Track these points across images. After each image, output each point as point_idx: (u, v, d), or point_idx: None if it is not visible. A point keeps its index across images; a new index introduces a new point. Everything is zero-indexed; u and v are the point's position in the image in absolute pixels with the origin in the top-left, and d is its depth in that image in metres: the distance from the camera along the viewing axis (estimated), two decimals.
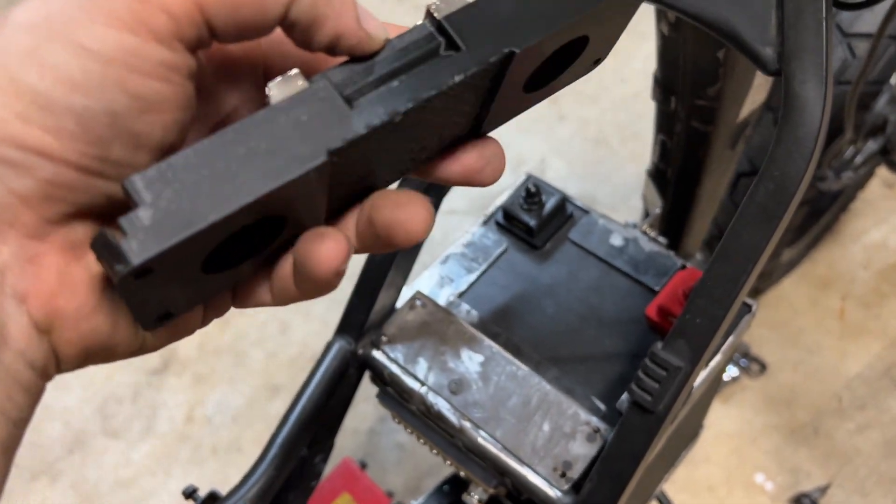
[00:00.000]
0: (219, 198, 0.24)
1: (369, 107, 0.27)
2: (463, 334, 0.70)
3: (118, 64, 0.24)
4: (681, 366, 0.57)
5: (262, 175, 0.25)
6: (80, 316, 0.26)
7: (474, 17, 0.28)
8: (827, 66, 0.53)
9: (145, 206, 0.23)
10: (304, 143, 0.25)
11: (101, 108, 0.24)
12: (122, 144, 0.25)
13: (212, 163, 0.24)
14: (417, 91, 0.27)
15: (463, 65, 0.28)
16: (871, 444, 1.40)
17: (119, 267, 0.23)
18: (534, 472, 0.64)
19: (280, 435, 0.68)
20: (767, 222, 0.54)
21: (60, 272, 0.26)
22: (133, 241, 0.23)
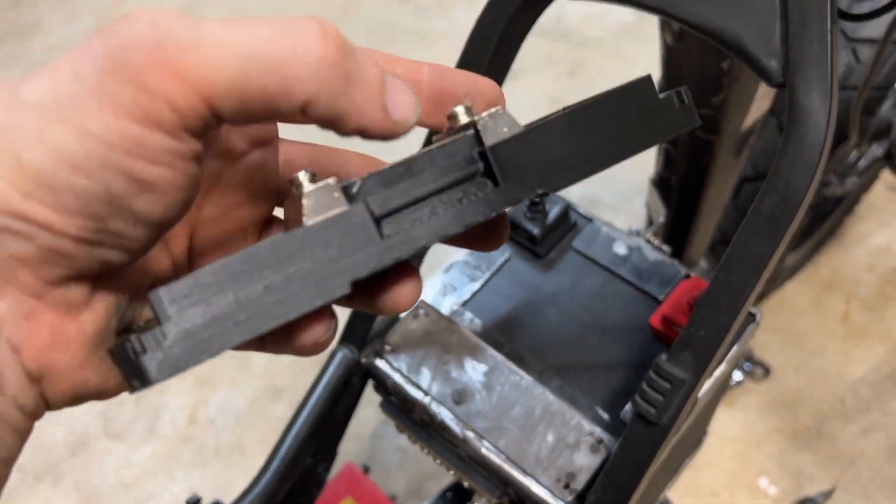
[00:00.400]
0: (240, 323, 0.24)
1: (399, 239, 0.27)
2: (466, 343, 0.70)
3: (121, 150, 0.24)
4: (685, 378, 0.57)
5: (287, 301, 0.25)
6: (71, 369, 0.28)
7: (520, 151, 0.28)
8: (832, 78, 0.53)
9: (168, 323, 0.23)
10: (331, 272, 0.26)
11: (102, 189, 0.24)
12: (121, 220, 0.25)
13: (238, 284, 0.24)
14: (448, 227, 0.27)
15: (496, 204, 0.27)
16: (876, 447, 1.40)
17: (136, 383, 0.24)
18: (537, 482, 0.64)
19: (284, 445, 0.68)
20: (773, 234, 0.54)
21: (54, 328, 0.27)
22: (154, 360, 0.23)
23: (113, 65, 0.24)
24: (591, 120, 0.29)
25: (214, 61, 0.24)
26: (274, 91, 0.24)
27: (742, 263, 0.55)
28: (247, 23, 0.25)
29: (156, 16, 0.24)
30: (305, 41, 0.25)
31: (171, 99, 0.24)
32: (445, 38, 2.10)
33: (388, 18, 2.17)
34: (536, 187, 0.28)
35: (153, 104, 0.24)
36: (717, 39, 0.56)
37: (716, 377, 0.70)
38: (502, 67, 0.66)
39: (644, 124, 0.29)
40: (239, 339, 0.24)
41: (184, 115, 0.24)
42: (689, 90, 0.30)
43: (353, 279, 0.26)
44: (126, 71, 0.24)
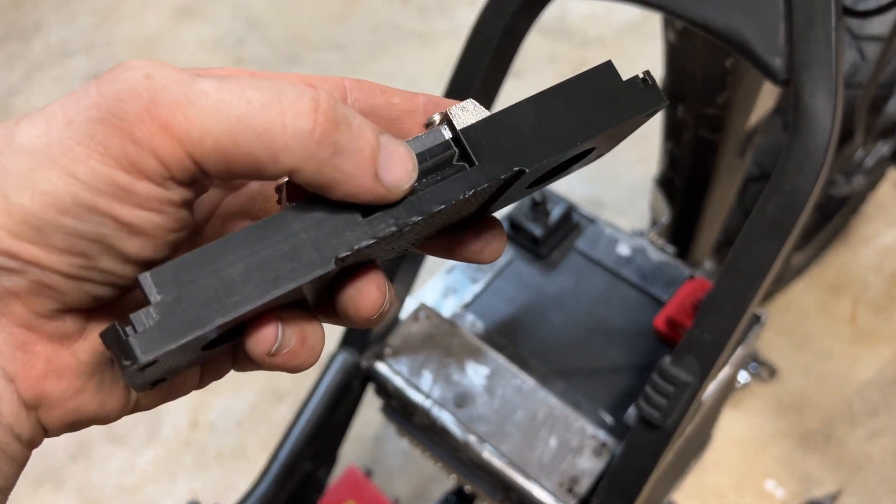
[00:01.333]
0: (226, 300, 0.25)
1: (380, 217, 0.27)
2: (468, 346, 0.70)
3: (108, 195, 0.25)
4: (689, 381, 0.56)
5: (271, 279, 0.25)
6: (67, 397, 0.28)
7: (491, 132, 0.29)
8: (837, 76, 0.52)
9: (156, 304, 0.24)
10: (314, 250, 0.26)
11: (90, 230, 0.25)
12: (110, 259, 0.26)
13: (223, 265, 0.25)
14: (428, 204, 0.28)
15: (474, 181, 0.28)
16: (883, 450, 1.39)
17: (126, 362, 0.24)
18: (540, 487, 0.63)
19: (283, 449, 0.68)
20: (777, 236, 0.53)
21: (48, 359, 0.27)
22: (142, 339, 0.24)
23: (105, 114, 0.24)
24: (558, 102, 0.30)
25: (204, 122, 0.24)
26: (260, 157, 0.25)
27: (746, 265, 0.54)
28: (240, 84, 0.25)
29: (152, 68, 0.25)
30: (295, 112, 0.25)
31: (157, 152, 0.24)
32: (447, 38, 2.09)
33: (390, 18, 2.17)
34: (511, 164, 0.28)
35: (140, 155, 0.24)
36: (722, 38, 0.55)
37: (721, 379, 0.69)
38: (503, 65, 0.65)
39: (611, 105, 0.30)
40: (221, 320, 0.25)
41: (170, 168, 0.25)
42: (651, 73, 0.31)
43: (338, 256, 0.26)
44: (117, 122, 0.24)
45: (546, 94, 0.29)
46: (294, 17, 2.19)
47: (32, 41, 2.28)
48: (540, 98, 0.29)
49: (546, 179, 0.33)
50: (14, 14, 2.36)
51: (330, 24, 2.17)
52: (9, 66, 2.21)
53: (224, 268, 0.25)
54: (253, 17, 2.20)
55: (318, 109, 0.25)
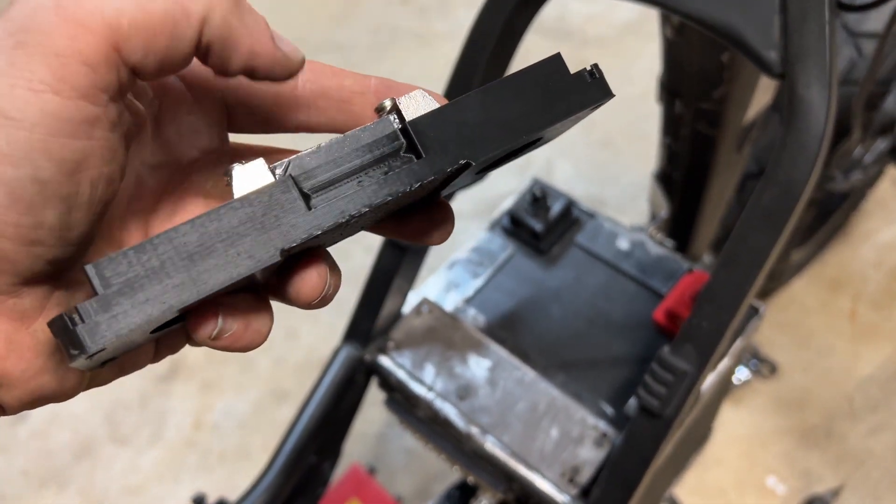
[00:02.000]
0: (171, 289, 0.25)
1: (326, 208, 0.27)
2: (470, 340, 0.70)
3: (42, 129, 0.24)
4: (688, 370, 0.57)
5: (216, 268, 0.26)
6: (27, 377, 0.28)
7: (439, 124, 0.29)
8: (831, 69, 0.53)
9: (102, 294, 0.25)
10: (260, 240, 0.26)
11: (30, 175, 0.24)
12: (54, 209, 0.25)
13: (169, 255, 0.25)
14: (374, 196, 0.28)
15: (421, 174, 0.29)
16: (884, 446, 1.39)
17: (74, 352, 0.25)
18: (542, 477, 0.64)
19: (288, 442, 0.68)
20: (773, 227, 0.54)
21: (8, 338, 0.27)
22: (88, 328, 0.24)
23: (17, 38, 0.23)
24: (506, 95, 0.30)
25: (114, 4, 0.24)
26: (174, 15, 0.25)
27: (743, 256, 0.55)
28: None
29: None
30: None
31: (82, 54, 0.24)
32: (447, 39, 2.10)
33: (389, 19, 2.18)
34: (458, 157, 0.29)
35: (66, 65, 0.24)
36: (717, 32, 0.56)
37: (720, 371, 0.70)
38: (502, 64, 0.66)
39: (558, 98, 0.31)
40: (168, 307, 0.25)
41: (98, 71, 0.24)
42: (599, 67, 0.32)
43: (283, 248, 0.27)
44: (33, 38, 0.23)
45: (494, 87, 0.30)
46: (295, 19, 2.20)
47: None
48: (488, 90, 0.30)
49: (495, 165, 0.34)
50: None
51: (330, 26, 2.18)
52: None
53: (170, 258, 0.25)
54: None
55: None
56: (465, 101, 0.29)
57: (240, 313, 0.29)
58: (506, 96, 0.30)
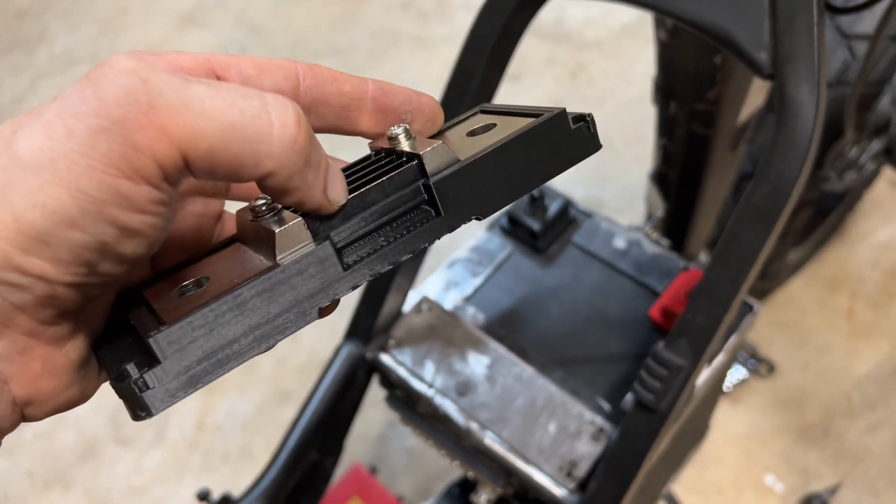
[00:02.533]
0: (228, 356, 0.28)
1: (359, 269, 0.30)
2: (469, 337, 0.72)
3: (112, 204, 0.26)
4: (682, 364, 0.58)
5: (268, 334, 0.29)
6: (57, 393, 0.30)
7: (456, 183, 0.31)
8: (819, 70, 0.54)
9: (166, 364, 0.27)
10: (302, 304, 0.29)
11: (94, 240, 0.26)
12: (108, 263, 0.28)
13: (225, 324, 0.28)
14: (399, 254, 0.31)
15: (439, 231, 0.31)
16: (882, 443, 1.40)
17: (142, 414, 0.27)
18: (540, 471, 0.65)
19: (291, 438, 0.70)
20: (765, 223, 0.55)
21: (45, 360, 0.29)
22: (155, 396, 0.27)
23: (105, 122, 0.25)
24: (517, 152, 0.32)
25: (201, 126, 0.26)
26: (245, 160, 0.27)
27: (736, 252, 0.56)
28: (230, 92, 0.27)
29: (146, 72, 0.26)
30: (283, 123, 0.27)
31: (157, 157, 0.26)
32: (447, 43, 2.12)
33: (390, 24, 2.19)
34: (471, 214, 0.32)
35: (141, 161, 0.26)
36: (710, 34, 0.57)
37: (714, 367, 0.71)
38: (500, 65, 0.67)
39: (559, 152, 0.33)
40: (227, 371, 0.28)
41: (166, 171, 0.26)
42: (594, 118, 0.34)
43: (321, 307, 0.29)
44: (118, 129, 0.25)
45: (508, 146, 0.32)
46: (295, 24, 2.22)
47: (37, 50, 2.31)
48: (502, 150, 0.32)
49: None
50: (19, 24, 2.39)
51: (331, 31, 2.20)
52: (14, 75, 2.24)
53: (226, 326, 0.28)
54: (255, 25, 2.23)
55: (300, 122, 0.28)
56: (482, 162, 0.31)
57: None
58: (516, 154, 0.32)
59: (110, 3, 2.40)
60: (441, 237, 0.31)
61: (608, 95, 1.94)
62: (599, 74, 1.99)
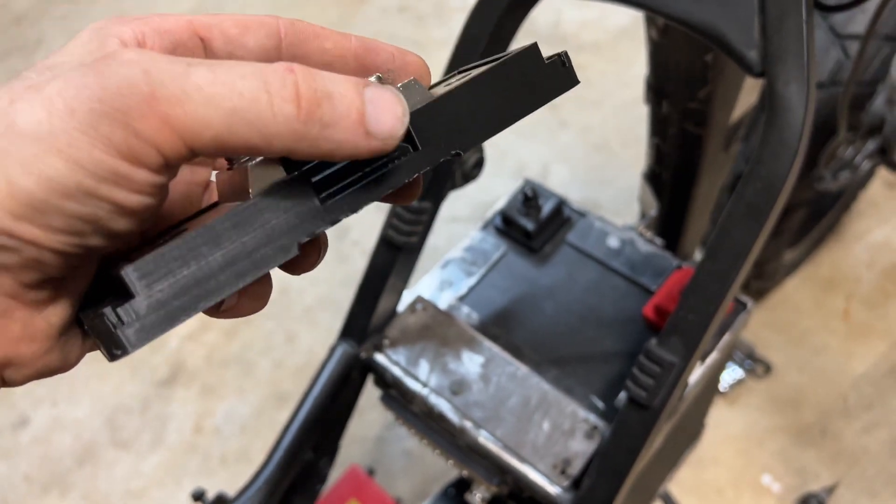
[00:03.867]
0: (205, 290, 0.27)
1: (336, 205, 0.30)
2: (463, 336, 0.72)
3: (109, 182, 0.26)
4: (675, 361, 0.59)
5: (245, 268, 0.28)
6: (36, 357, 0.30)
7: (431, 117, 0.31)
8: (809, 67, 0.54)
9: (140, 297, 0.26)
10: (281, 237, 0.28)
11: (88, 213, 0.26)
12: (99, 237, 0.28)
13: (201, 255, 0.27)
14: (376, 191, 0.30)
15: (418, 165, 0.31)
16: (879, 443, 1.40)
17: (116, 351, 0.27)
18: (534, 469, 0.65)
19: (285, 438, 0.70)
20: (755, 220, 0.55)
21: (25, 323, 0.29)
22: (130, 331, 0.26)
23: (108, 109, 0.26)
24: (491, 86, 0.32)
25: (202, 115, 0.26)
26: (256, 143, 0.27)
27: (727, 249, 0.56)
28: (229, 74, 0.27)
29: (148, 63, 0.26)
30: (281, 100, 0.27)
31: (159, 145, 0.26)
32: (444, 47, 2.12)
33: (387, 27, 2.20)
34: (450, 149, 0.31)
35: (142, 148, 0.26)
36: (700, 32, 0.58)
37: (708, 365, 0.71)
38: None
39: (534, 87, 0.33)
40: (203, 306, 0.27)
41: (168, 158, 0.27)
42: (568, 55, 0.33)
43: (300, 242, 0.29)
44: (120, 116, 0.26)
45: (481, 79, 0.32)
46: None
47: (35, 56, 2.32)
48: (476, 83, 0.31)
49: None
50: (16, 29, 2.39)
51: None
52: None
53: (202, 258, 0.27)
54: None
55: (300, 94, 0.27)
56: (455, 94, 0.31)
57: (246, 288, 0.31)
58: (491, 87, 0.32)
59: (108, 9, 2.40)
60: (421, 171, 0.31)
61: (605, 98, 1.95)
62: (596, 77, 2.00)
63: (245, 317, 0.33)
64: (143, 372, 1.58)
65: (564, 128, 1.91)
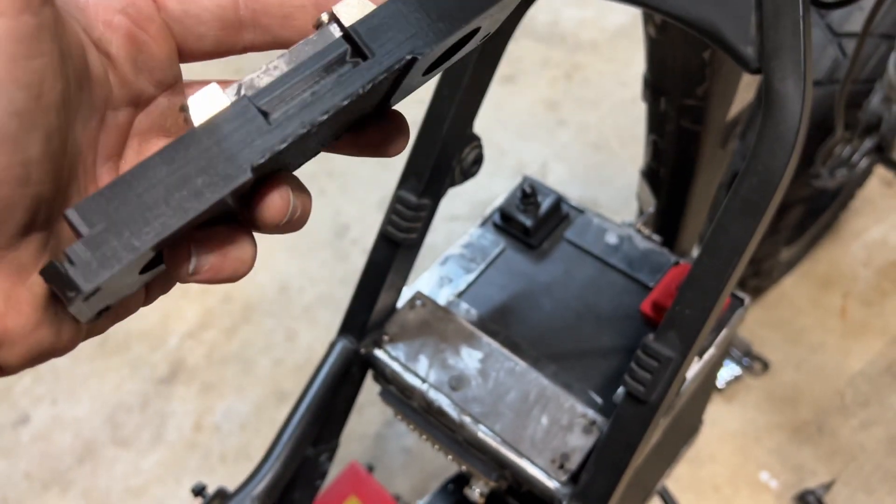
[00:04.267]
0: (153, 223, 0.26)
1: (286, 121, 0.28)
2: (462, 332, 0.72)
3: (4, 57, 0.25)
4: (672, 356, 0.59)
5: (193, 197, 0.27)
6: (27, 332, 0.28)
7: (378, 24, 0.30)
8: (805, 64, 0.55)
9: (87, 236, 0.25)
10: (229, 162, 0.27)
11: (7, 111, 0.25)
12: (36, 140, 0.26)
13: (144, 189, 0.26)
14: (330, 101, 0.29)
15: (370, 74, 0.30)
16: (875, 440, 1.41)
17: (70, 294, 0.26)
18: (533, 464, 0.66)
19: (285, 433, 0.70)
20: (752, 215, 0.56)
21: (6, 294, 0.27)
22: (80, 270, 0.25)
23: None
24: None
25: None
26: None
27: (724, 244, 0.57)
28: None
29: None
30: None
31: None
32: None
33: None
34: (404, 53, 0.30)
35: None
36: (697, 29, 0.58)
37: (705, 361, 0.72)
38: (491, 63, 0.68)
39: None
40: (153, 240, 0.26)
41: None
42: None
43: (253, 164, 0.28)
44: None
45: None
46: None
47: None
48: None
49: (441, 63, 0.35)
50: None
51: None
52: None
53: (146, 191, 0.26)
54: None
55: None
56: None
57: (216, 245, 0.29)
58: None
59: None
60: (378, 79, 0.29)
61: (603, 96, 1.95)
62: (594, 75, 2.00)
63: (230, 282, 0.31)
64: (143, 370, 1.59)
65: (563, 127, 1.92)
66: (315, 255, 1.73)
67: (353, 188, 1.82)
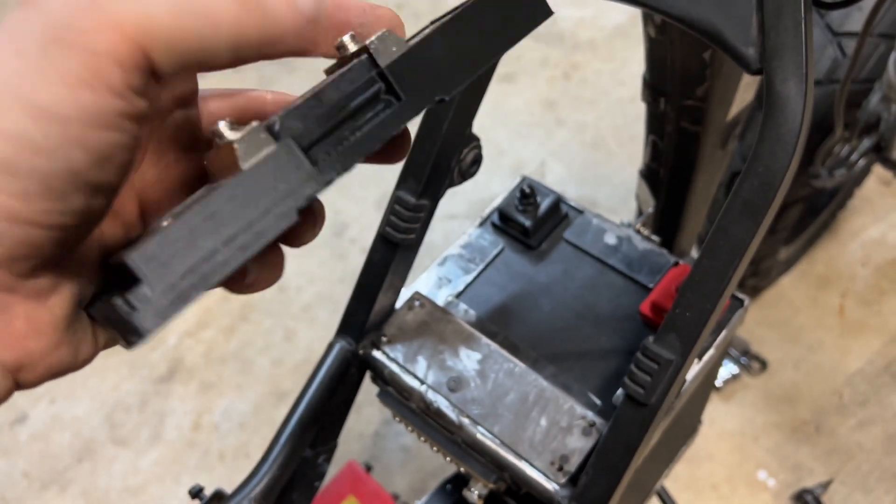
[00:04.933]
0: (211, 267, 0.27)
1: (329, 164, 0.30)
2: (461, 333, 0.72)
3: (76, 122, 0.25)
4: (672, 358, 0.59)
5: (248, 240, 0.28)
6: (47, 353, 0.29)
7: (410, 65, 0.31)
8: (807, 64, 0.55)
9: (147, 282, 0.26)
10: (277, 206, 0.28)
11: (63, 167, 0.25)
12: (82, 196, 0.26)
13: (201, 234, 0.27)
14: (368, 146, 0.30)
15: (404, 115, 0.31)
16: (873, 439, 1.41)
17: (133, 338, 0.26)
18: (532, 466, 0.65)
19: (283, 434, 0.70)
20: (753, 217, 0.56)
21: (29, 317, 0.28)
22: (143, 316, 0.26)
23: (54, 33, 0.24)
24: (465, 27, 0.32)
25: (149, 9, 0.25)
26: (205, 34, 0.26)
27: (724, 245, 0.56)
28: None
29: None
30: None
31: (115, 55, 0.25)
32: None
33: None
34: (434, 95, 0.31)
35: (100, 63, 0.25)
36: (698, 30, 0.58)
37: (705, 362, 0.72)
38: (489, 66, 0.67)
39: (511, 21, 0.33)
40: (211, 283, 0.27)
41: (127, 70, 0.25)
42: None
43: (298, 207, 0.29)
44: (69, 35, 0.24)
45: (456, 21, 0.32)
46: None
47: None
48: (451, 25, 0.32)
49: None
50: None
51: None
52: None
53: (203, 237, 0.27)
54: None
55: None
56: (431, 39, 0.31)
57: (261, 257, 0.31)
58: (465, 28, 0.32)
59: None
60: (408, 121, 0.31)
61: (602, 96, 1.95)
62: (593, 75, 2.00)
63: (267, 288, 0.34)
64: (142, 369, 1.58)
65: (561, 126, 1.91)
66: (313, 254, 1.73)
67: (352, 187, 1.82)
